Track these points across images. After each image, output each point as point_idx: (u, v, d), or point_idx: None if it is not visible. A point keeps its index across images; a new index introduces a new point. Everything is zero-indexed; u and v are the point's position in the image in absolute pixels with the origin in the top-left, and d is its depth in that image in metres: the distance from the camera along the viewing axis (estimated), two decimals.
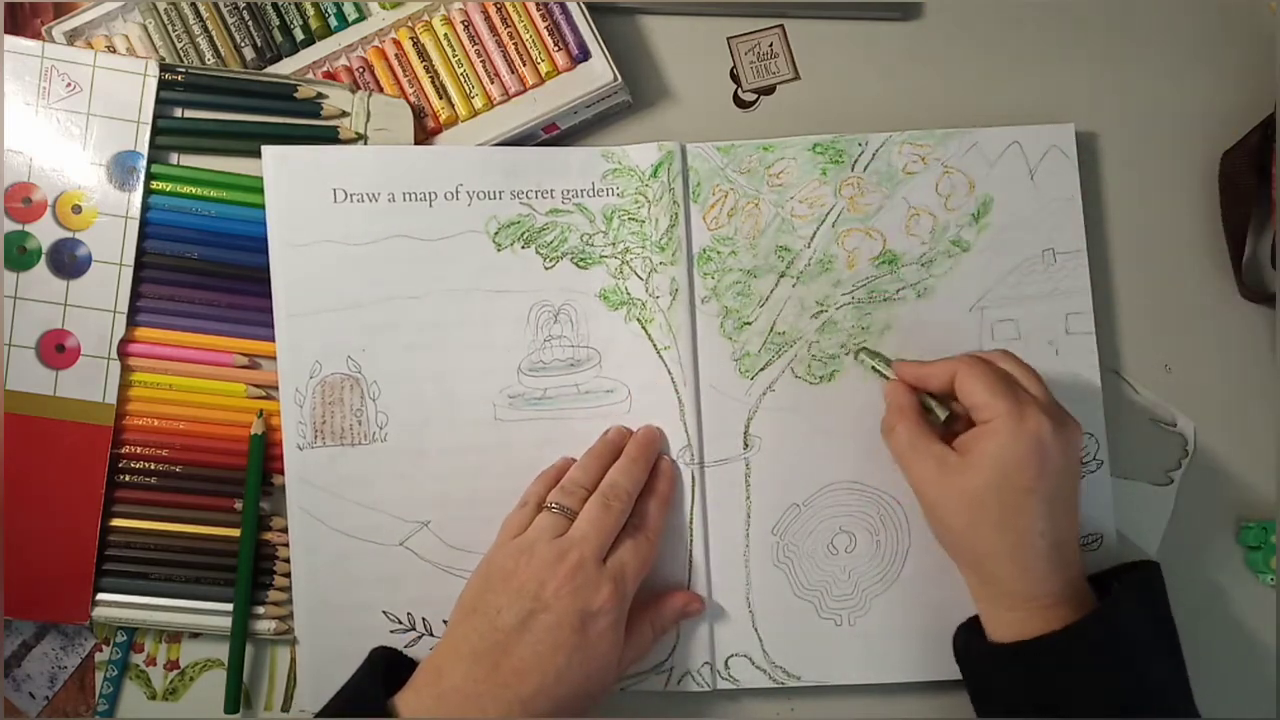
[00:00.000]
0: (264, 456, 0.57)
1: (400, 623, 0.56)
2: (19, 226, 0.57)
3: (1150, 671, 0.48)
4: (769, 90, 0.62)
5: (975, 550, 0.50)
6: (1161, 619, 0.51)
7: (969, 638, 0.53)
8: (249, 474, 0.57)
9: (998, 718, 0.50)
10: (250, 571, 0.56)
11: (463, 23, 0.60)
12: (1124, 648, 0.47)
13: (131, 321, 0.57)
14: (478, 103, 0.59)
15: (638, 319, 0.58)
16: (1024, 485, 0.48)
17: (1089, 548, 0.56)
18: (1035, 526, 0.48)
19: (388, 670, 0.51)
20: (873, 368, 0.56)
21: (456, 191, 0.58)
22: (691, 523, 0.57)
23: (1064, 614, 0.48)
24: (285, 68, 0.60)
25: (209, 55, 0.59)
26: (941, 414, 0.53)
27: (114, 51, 0.59)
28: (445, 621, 0.54)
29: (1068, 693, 0.47)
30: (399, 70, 0.60)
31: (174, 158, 0.58)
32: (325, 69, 0.60)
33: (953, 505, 0.50)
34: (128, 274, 0.57)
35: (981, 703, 0.52)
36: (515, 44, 0.59)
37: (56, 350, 0.57)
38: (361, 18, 0.60)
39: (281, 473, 0.57)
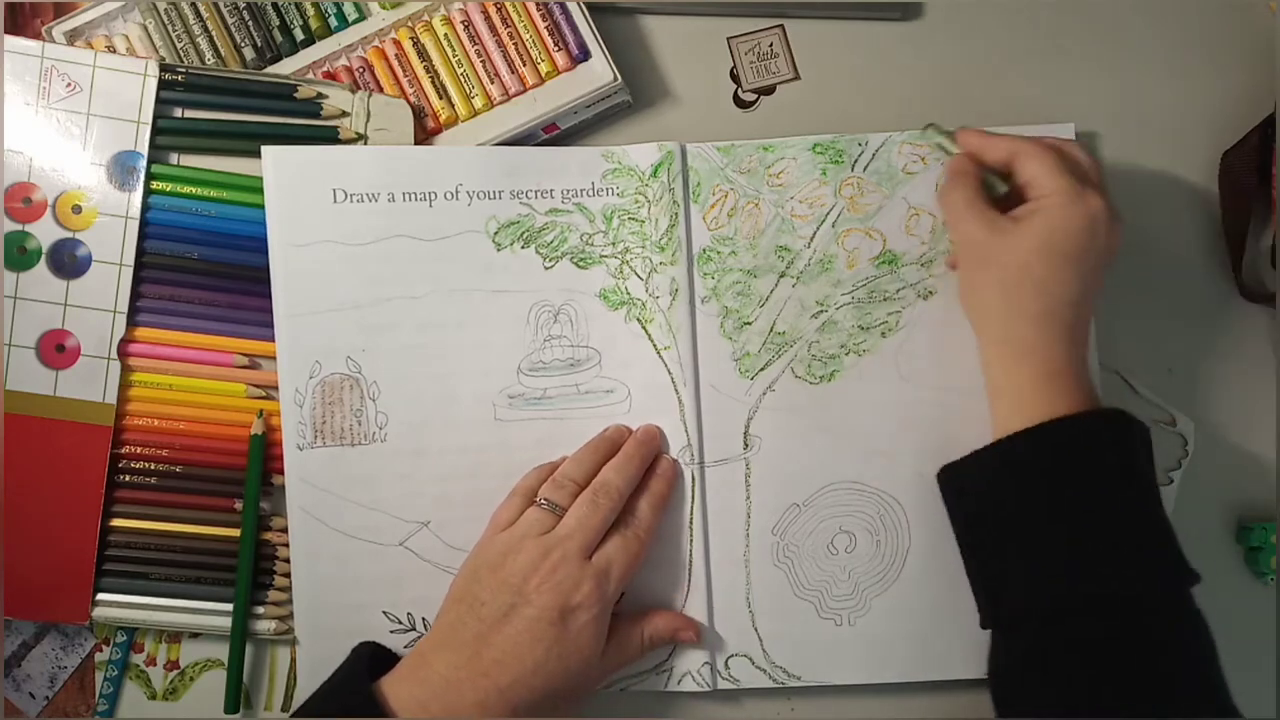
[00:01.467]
0: (264, 456, 0.57)
1: (400, 623, 0.56)
2: (19, 226, 0.57)
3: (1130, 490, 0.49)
4: (769, 90, 0.62)
5: (1005, 308, 0.51)
6: (1150, 459, 0.51)
7: (957, 462, 0.53)
8: (249, 474, 0.57)
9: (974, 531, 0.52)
10: (250, 571, 0.56)
11: (463, 23, 0.60)
12: (1109, 461, 0.48)
13: (131, 321, 0.57)
14: (478, 103, 0.59)
15: (638, 319, 0.58)
16: (1070, 252, 0.50)
17: None
18: (1068, 295, 0.50)
19: (373, 663, 0.52)
20: (938, 144, 0.56)
21: (456, 191, 0.58)
22: (691, 523, 0.57)
23: (1066, 391, 0.50)
24: (285, 68, 0.60)
25: (209, 55, 0.60)
26: (1001, 188, 0.54)
27: (114, 51, 0.59)
28: None
29: (1042, 488, 0.49)
30: (399, 70, 0.60)
31: (174, 158, 0.58)
32: (325, 69, 0.60)
33: (998, 265, 0.51)
34: (128, 274, 0.57)
35: (966, 521, 0.52)
36: (515, 44, 0.59)
37: (56, 350, 0.57)
38: (361, 18, 0.60)
39: (281, 473, 0.57)
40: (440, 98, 0.60)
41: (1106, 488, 0.48)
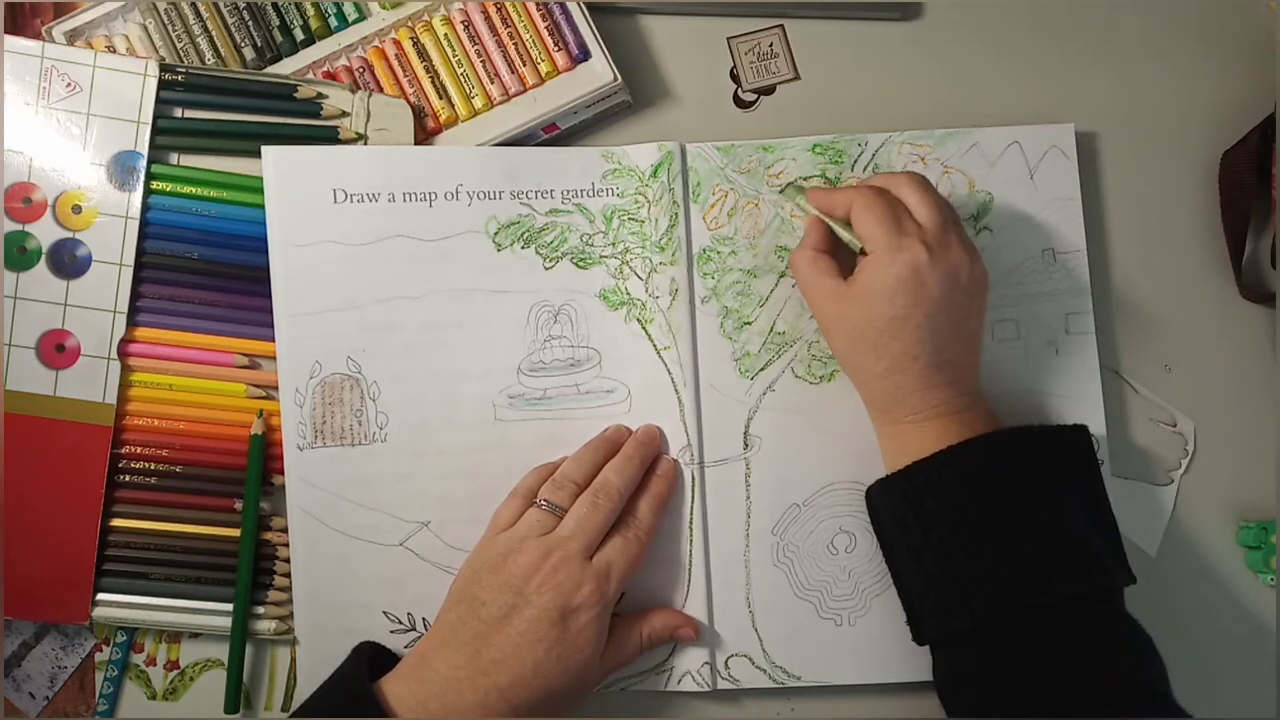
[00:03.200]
0: (264, 456, 0.57)
1: (400, 623, 0.56)
2: (19, 226, 0.57)
3: (1038, 512, 0.48)
4: (769, 90, 0.62)
5: (857, 373, 0.53)
6: (1065, 468, 0.50)
7: (874, 484, 0.53)
8: (249, 474, 0.57)
9: (893, 553, 0.52)
10: (250, 571, 0.56)
11: (463, 23, 0.60)
12: (1003, 476, 0.49)
13: (131, 321, 0.57)
14: (478, 103, 0.59)
15: (638, 319, 0.58)
16: (896, 314, 0.50)
17: None
18: (909, 351, 0.50)
19: (373, 663, 0.52)
20: (797, 203, 0.56)
21: (456, 192, 0.58)
22: (691, 523, 0.57)
23: (951, 428, 0.50)
24: (285, 68, 0.60)
25: (209, 55, 0.60)
26: (857, 244, 0.52)
27: (114, 51, 0.59)
28: None
29: (934, 516, 0.49)
30: (399, 70, 0.60)
31: (174, 158, 0.58)
32: (325, 69, 0.60)
33: (840, 332, 0.52)
34: (128, 274, 0.57)
35: (886, 543, 0.53)
36: (515, 44, 0.59)
37: (56, 350, 0.57)
38: (361, 18, 0.60)
39: (281, 473, 0.57)
40: (440, 98, 0.60)
41: (1004, 505, 0.48)
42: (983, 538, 0.48)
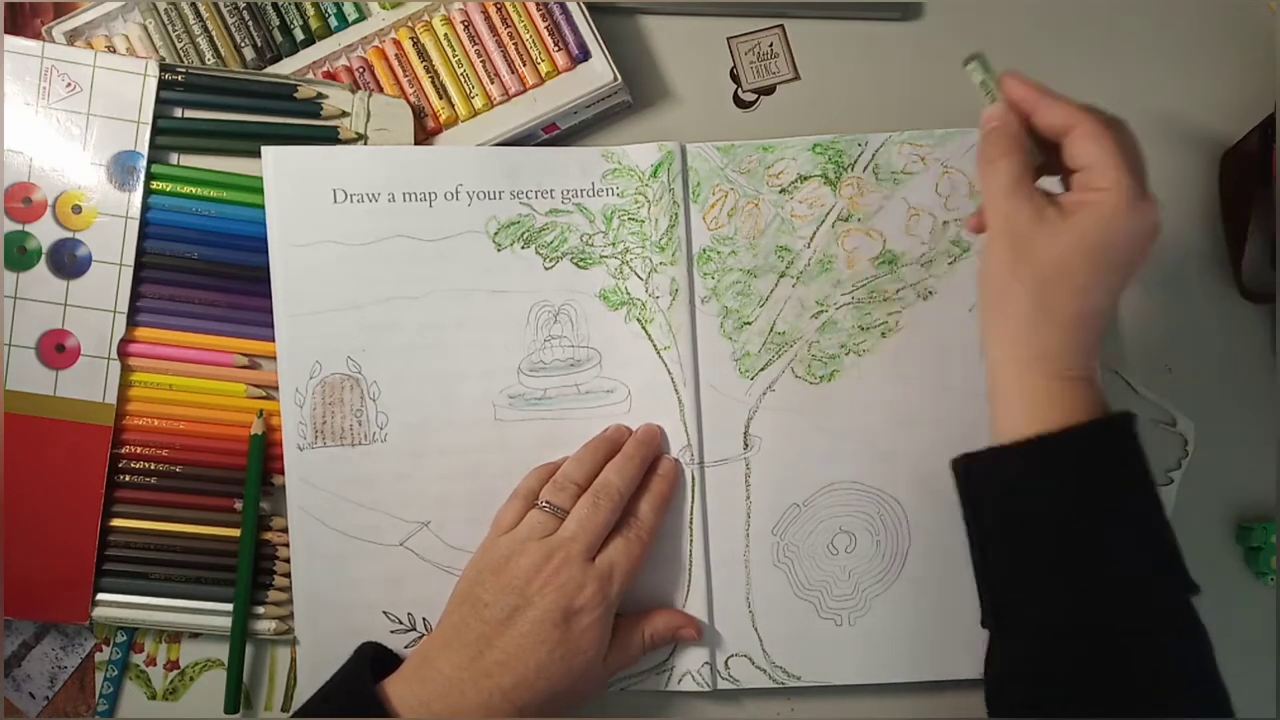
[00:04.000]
0: (264, 456, 0.57)
1: (400, 623, 0.56)
2: (19, 226, 0.57)
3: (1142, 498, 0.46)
4: (769, 90, 0.62)
5: (1035, 311, 0.46)
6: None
7: (973, 456, 0.49)
8: (249, 474, 0.57)
9: (994, 534, 0.48)
10: (250, 571, 0.56)
11: (463, 23, 0.60)
12: (1138, 463, 0.46)
13: (131, 321, 0.57)
14: (478, 103, 0.59)
15: (638, 319, 0.58)
16: (1118, 260, 0.45)
17: None
18: (1104, 304, 0.46)
19: (375, 663, 0.52)
20: (980, 82, 0.49)
21: (456, 192, 0.58)
22: (691, 523, 0.57)
23: (1088, 394, 0.46)
24: (285, 68, 0.60)
25: (209, 55, 0.59)
26: (1039, 156, 0.48)
27: (114, 51, 0.59)
28: None
29: (1069, 491, 0.45)
30: (399, 70, 0.60)
31: (174, 158, 0.58)
32: (325, 69, 0.60)
33: (1034, 259, 0.45)
34: (128, 274, 0.57)
35: (977, 518, 0.48)
36: (515, 44, 0.59)
37: (56, 350, 0.57)
38: (361, 18, 0.60)
39: (281, 473, 0.57)
40: (440, 98, 0.60)
41: (1124, 500, 0.45)
42: (1102, 533, 0.44)
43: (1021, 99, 0.47)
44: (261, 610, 0.57)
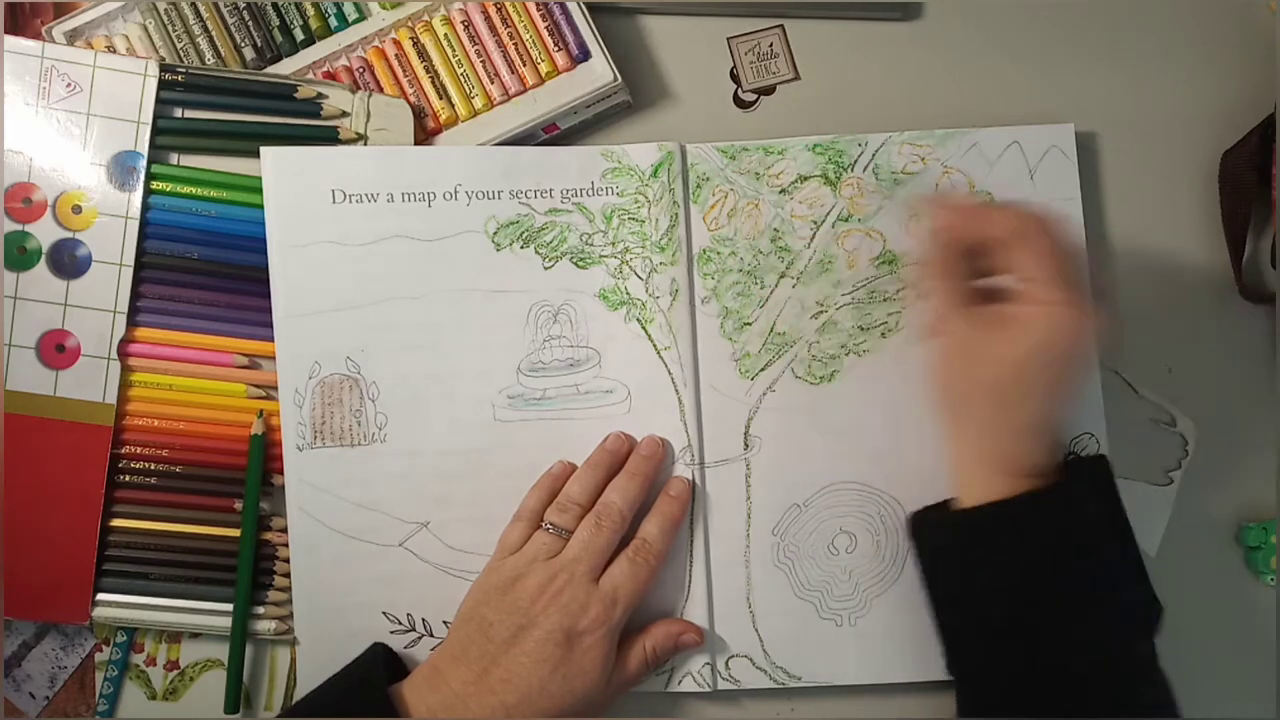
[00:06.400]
0: (264, 456, 0.57)
1: (400, 623, 0.56)
2: (19, 226, 0.57)
3: (1104, 551, 0.49)
4: (769, 90, 0.62)
5: (991, 418, 0.49)
6: (1114, 504, 0.50)
7: (927, 512, 0.53)
8: (249, 474, 0.57)
9: (951, 591, 0.51)
10: (250, 571, 0.56)
11: (463, 23, 0.60)
12: (1084, 518, 0.49)
13: (131, 321, 0.57)
14: (478, 103, 0.59)
15: (638, 319, 0.58)
16: (1065, 369, 0.48)
17: None
18: (1055, 410, 0.49)
19: (384, 665, 0.53)
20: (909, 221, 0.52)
21: (455, 191, 0.58)
22: (692, 523, 0.57)
23: (1037, 481, 0.49)
24: (285, 68, 0.60)
25: (209, 55, 0.60)
26: (980, 267, 0.50)
27: (114, 51, 0.59)
28: (445, 623, 0.56)
29: (1023, 557, 0.48)
30: (399, 70, 0.60)
31: (174, 158, 0.58)
32: (325, 69, 0.60)
33: (984, 367, 0.48)
34: (128, 274, 0.57)
35: (934, 577, 0.52)
36: (515, 44, 0.59)
37: (56, 350, 0.57)
38: (361, 18, 0.60)
39: (281, 473, 0.57)
40: (440, 98, 0.60)
41: (1078, 551, 0.48)
42: (1052, 582, 0.48)
43: (948, 227, 0.50)
44: (261, 610, 0.57)
